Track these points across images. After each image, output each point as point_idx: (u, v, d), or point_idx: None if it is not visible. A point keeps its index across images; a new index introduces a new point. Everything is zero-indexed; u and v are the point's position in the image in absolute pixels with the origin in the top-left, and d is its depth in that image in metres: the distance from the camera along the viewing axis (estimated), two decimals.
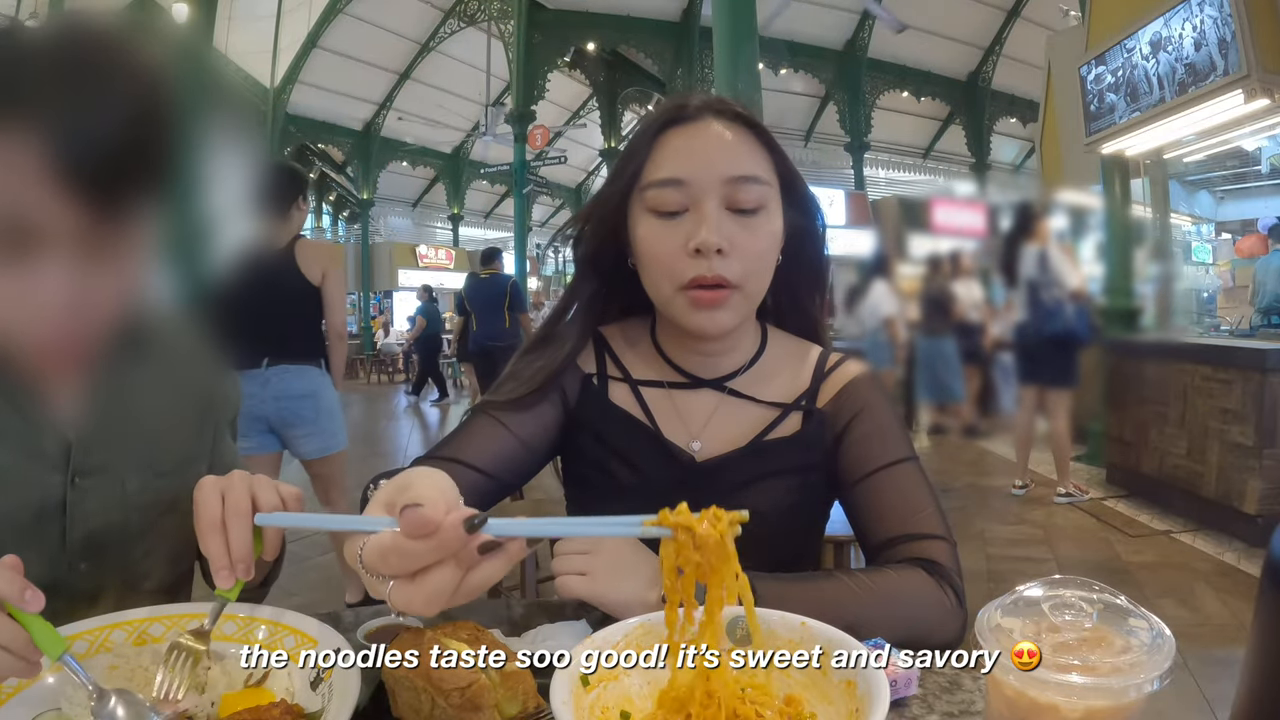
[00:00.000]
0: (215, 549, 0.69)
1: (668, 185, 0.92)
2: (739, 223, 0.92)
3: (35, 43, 0.68)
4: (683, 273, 0.91)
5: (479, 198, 22.69)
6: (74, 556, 0.80)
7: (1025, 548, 3.99)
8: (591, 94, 16.53)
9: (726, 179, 0.91)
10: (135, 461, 0.85)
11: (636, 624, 0.67)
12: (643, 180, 0.95)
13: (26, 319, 0.71)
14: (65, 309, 0.70)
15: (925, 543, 0.90)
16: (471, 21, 14.53)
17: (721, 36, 5.22)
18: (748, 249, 0.92)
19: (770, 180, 0.95)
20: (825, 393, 1.01)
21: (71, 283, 0.70)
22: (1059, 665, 0.47)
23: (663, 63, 14.06)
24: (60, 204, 0.66)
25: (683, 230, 0.91)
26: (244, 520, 0.70)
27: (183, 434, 0.91)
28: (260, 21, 13.96)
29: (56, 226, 0.68)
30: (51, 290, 0.69)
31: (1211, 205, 11.16)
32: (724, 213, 0.91)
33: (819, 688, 0.63)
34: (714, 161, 0.92)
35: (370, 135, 17.56)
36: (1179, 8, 4.60)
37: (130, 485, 0.84)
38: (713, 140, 0.93)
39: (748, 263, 0.92)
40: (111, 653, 0.69)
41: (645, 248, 0.94)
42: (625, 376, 1.03)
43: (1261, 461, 3.81)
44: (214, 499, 0.70)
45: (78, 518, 0.80)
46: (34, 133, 0.65)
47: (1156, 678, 0.46)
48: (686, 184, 0.91)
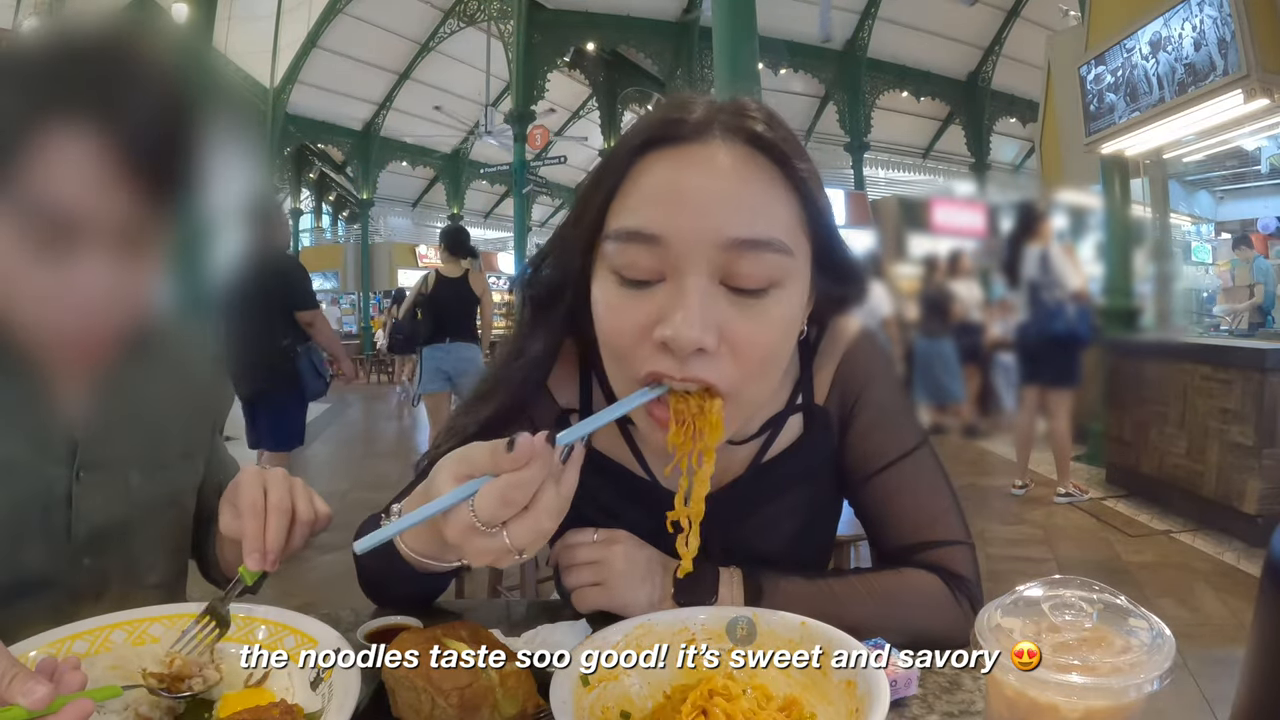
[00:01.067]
0: (254, 530, 0.72)
1: (636, 241, 0.65)
2: (739, 306, 0.65)
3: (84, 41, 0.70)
4: (640, 364, 0.66)
5: (479, 198, 22.68)
6: (78, 551, 0.81)
7: (1025, 548, 3.99)
8: (591, 94, 16.52)
9: (724, 242, 0.64)
10: (138, 456, 0.86)
11: (636, 624, 0.67)
12: (607, 225, 0.69)
13: (59, 313, 0.72)
14: (100, 305, 0.72)
15: (943, 551, 0.83)
16: (471, 21, 14.52)
17: (721, 36, 5.22)
18: (748, 346, 0.66)
19: (795, 246, 0.67)
20: (821, 377, 0.86)
21: (109, 279, 0.71)
22: (1059, 665, 0.47)
23: (662, 63, 14.06)
24: (108, 199, 0.68)
25: (653, 306, 0.65)
26: (284, 516, 0.75)
27: (184, 429, 0.92)
28: (260, 21, 13.96)
29: (101, 222, 0.69)
30: (89, 286, 0.71)
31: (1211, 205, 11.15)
32: (717, 290, 0.65)
33: (819, 688, 0.63)
34: (709, 212, 0.64)
35: (370, 135, 17.55)
36: (1178, 8, 4.60)
37: (133, 480, 0.85)
38: (713, 177, 0.66)
39: (745, 364, 0.66)
40: (112, 653, 0.69)
41: (602, 321, 0.69)
42: None
43: (1261, 461, 3.82)
44: (257, 487, 0.74)
45: (83, 512, 0.81)
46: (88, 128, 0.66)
47: (1156, 678, 0.46)
48: (663, 243, 0.64)
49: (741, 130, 0.68)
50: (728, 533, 0.85)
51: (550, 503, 0.56)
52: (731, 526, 0.85)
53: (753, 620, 0.67)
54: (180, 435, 0.92)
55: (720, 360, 0.66)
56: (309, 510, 0.78)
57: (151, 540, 0.87)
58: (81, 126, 0.66)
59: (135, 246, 0.73)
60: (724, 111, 0.69)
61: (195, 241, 0.84)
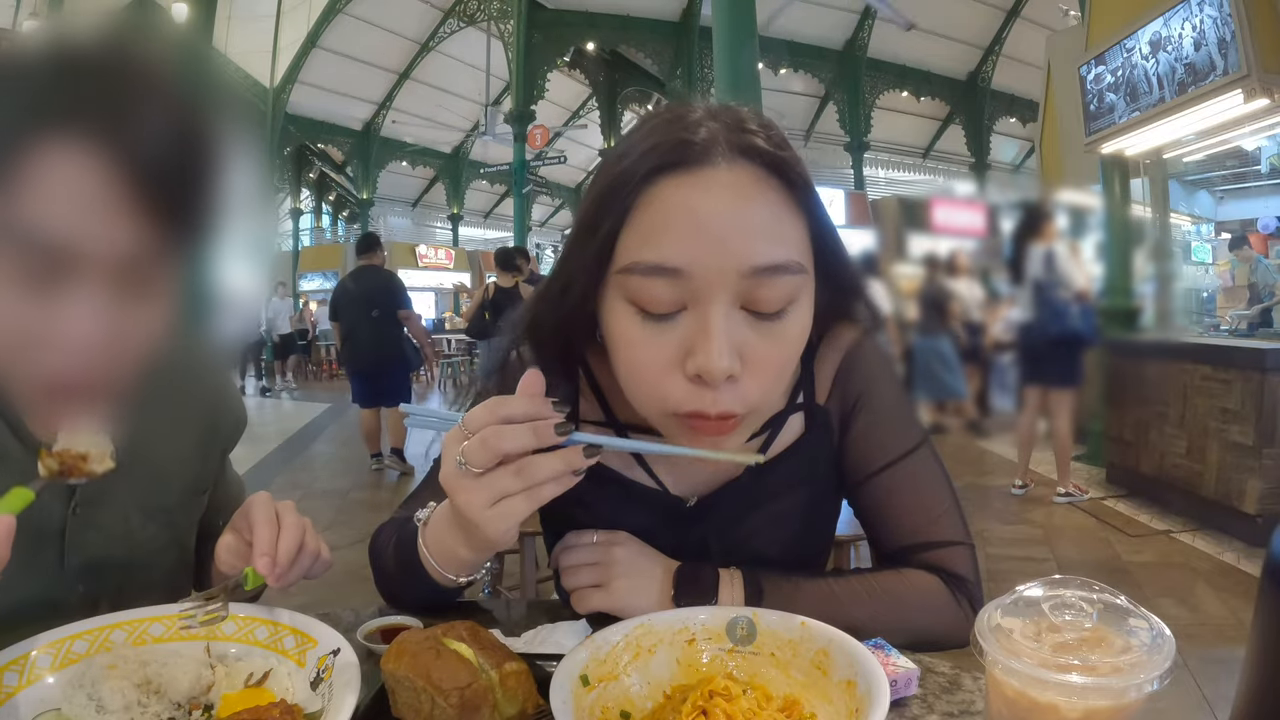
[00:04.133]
0: (267, 537, 0.73)
1: (658, 274, 0.65)
2: (758, 330, 0.67)
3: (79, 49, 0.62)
4: (675, 400, 0.68)
5: (479, 198, 22.70)
6: (72, 579, 0.80)
7: (1025, 547, 3.99)
8: (591, 94, 16.53)
9: (746, 271, 0.65)
10: (140, 494, 0.84)
11: (636, 624, 0.67)
12: (620, 257, 0.68)
13: (48, 351, 0.64)
14: (91, 345, 0.64)
15: (943, 551, 0.83)
16: (471, 21, 14.53)
17: (721, 36, 5.22)
18: (766, 364, 0.68)
19: (804, 261, 0.69)
20: (822, 375, 0.86)
21: (102, 318, 0.63)
22: (1059, 665, 0.47)
23: (662, 62, 14.06)
24: (106, 230, 0.61)
25: (676, 338, 0.66)
26: (297, 533, 0.75)
27: (189, 466, 0.90)
28: (260, 21, 13.96)
29: (99, 254, 0.62)
30: (80, 324, 0.63)
31: (1211, 205, 11.17)
32: (737, 314, 0.66)
33: (819, 687, 0.63)
34: (730, 243, 0.64)
35: (370, 135, 17.57)
36: (1178, 7, 4.60)
37: (134, 520, 0.83)
38: (728, 204, 0.65)
39: (766, 381, 0.69)
40: (111, 652, 0.69)
41: (623, 355, 0.70)
42: (610, 420, 0.86)
43: (1261, 461, 3.82)
44: (270, 507, 0.76)
45: (76, 545, 0.79)
46: (84, 146, 0.59)
47: (1156, 678, 0.46)
48: (686, 275, 0.65)
49: (748, 149, 0.67)
50: (727, 531, 0.86)
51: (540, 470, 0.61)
52: (731, 526, 0.86)
53: (752, 620, 0.67)
54: (186, 472, 0.89)
55: (744, 384, 0.67)
56: (315, 544, 0.78)
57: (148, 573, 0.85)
58: (76, 145, 0.59)
59: (137, 281, 0.65)
60: (726, 128, 0.68)
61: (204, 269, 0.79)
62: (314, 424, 8.89)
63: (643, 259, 0.66)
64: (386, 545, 0.83)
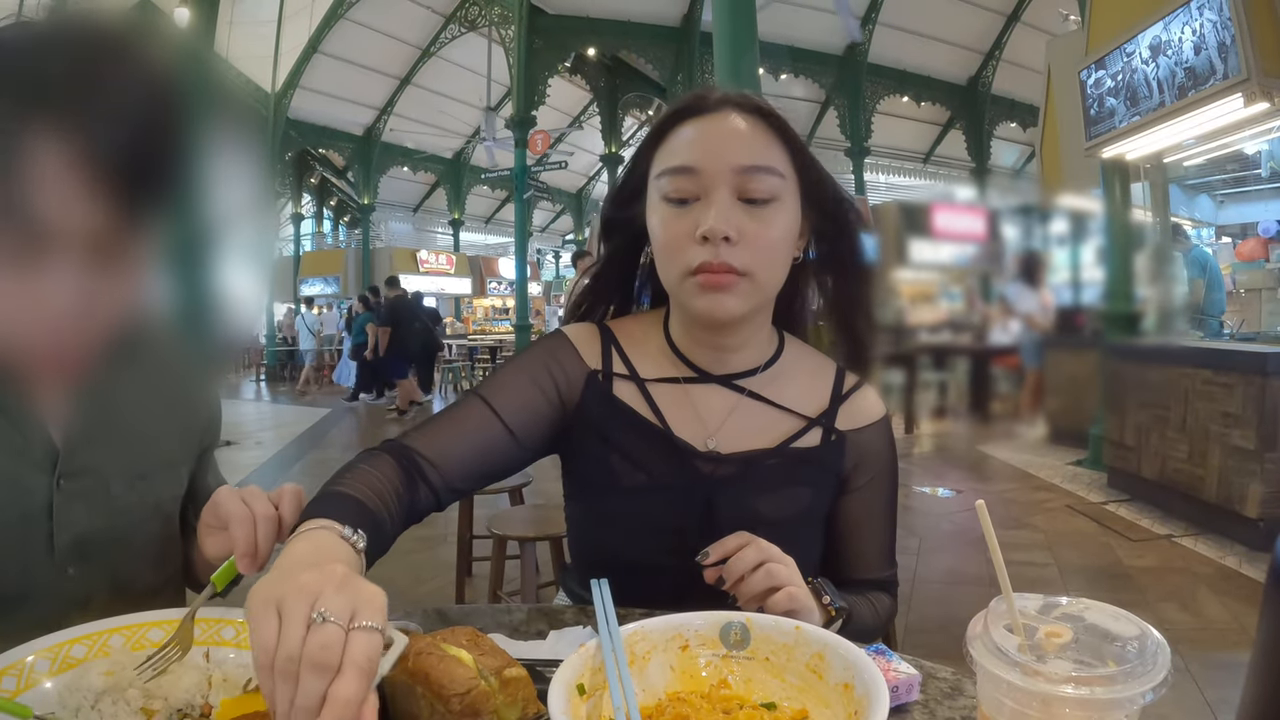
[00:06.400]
0: (245, 537, 0.73)
1: (680, 173, 0.93)
2: (750, 213, 0.92)
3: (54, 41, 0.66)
4: (691, 259, 0.92)
5: (480, 203, 22.71)
6: (63, 560, 0.80)
7: (1027, 552, 3.98)
8: (592, 99, 16.54)
9: (738, 168, 0.91)
10: (119, 464, 0.85)
11: (631, 630, 0.67)
12: (656, 168, 0.97)
13: (28, 324, 0.69)
14: (70, 316, 0.69)
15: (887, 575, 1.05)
16: (472, 27, 14.54)
17: (722, 42, 5.22)
18: (757, 238, 0.92)
19: (786, 173, 0.95)
20: (844, 419, 1.02)
21: (79, 289, 0.68)
22: (1054, 674, 0.47)
23: (663, 68, 14.06)
24: (79, 207, 0.65)
25: (692, 217, 0.92)
26: (271, 524, 0.75)
27: (167, 438, 0.92)
28: (261, 26, 13.98)
29: (71, 230, 0.66)
30: (58, 296, 0.68)
31: (1212, 209, 11.17)
32: (735, 202, 0.91)
33: (815, 691, 0.63)
34: (726, 151, 0.92)
35: (371, 140, 17.57)
36: (1178, 12, 4.60)
37: (115, 488, 0.84)
38: (727, 130, 0.94)
39: (757, 252, 0.92)
40: (110, 657, 0.69)
41: (657, 233, 0.96)
42: (632, 374, 1.01)
43: (1263, 465, 3.81)
44: (236, 500, 0.76)
45: (64, 521, 0.80)
46: (60, 133, 0.63)
47: (1150, 689, 0.46)
48: (698, 172, 0.92)
49: (746, 103, 0.96)
50: (744, 498, 0.96)
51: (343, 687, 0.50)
52: (749, 493, 0.96)
53: (746, 625, 0.67)
54: (163, 445, 0.91)
55: (740, 249, 0.91)
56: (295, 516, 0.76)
57: (136, 550, 0.86)
58: (53, 130, 0.63)
59: (109, 257, 0.69)
60: (732, 94, 0.97)
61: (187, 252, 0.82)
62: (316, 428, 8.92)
63: (669, 164, 0.95)
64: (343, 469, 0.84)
